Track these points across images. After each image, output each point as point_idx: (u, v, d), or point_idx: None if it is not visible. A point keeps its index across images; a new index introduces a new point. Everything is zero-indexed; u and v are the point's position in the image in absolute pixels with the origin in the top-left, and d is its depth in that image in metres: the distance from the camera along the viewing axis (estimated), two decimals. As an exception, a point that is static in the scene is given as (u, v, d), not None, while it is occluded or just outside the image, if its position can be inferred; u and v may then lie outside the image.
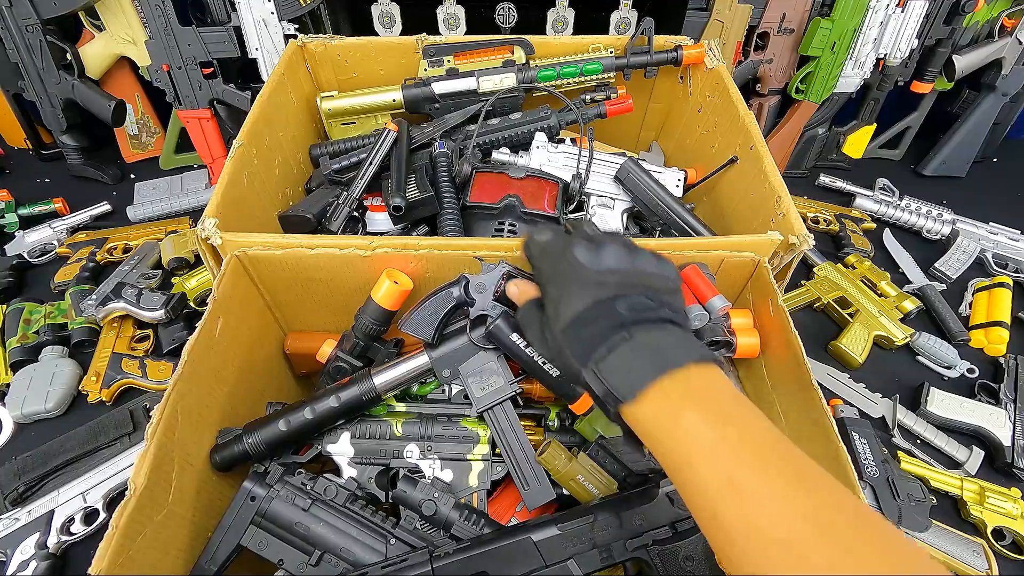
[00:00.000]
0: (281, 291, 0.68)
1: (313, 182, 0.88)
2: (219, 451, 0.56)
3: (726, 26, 1.08)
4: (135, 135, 1.26)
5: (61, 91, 1.10)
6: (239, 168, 0.69)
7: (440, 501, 0.54)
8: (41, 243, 1.08)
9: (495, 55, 0.91)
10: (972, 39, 1.18)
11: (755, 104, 1.22)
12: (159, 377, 0.86)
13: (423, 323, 0.58)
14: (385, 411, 0.61)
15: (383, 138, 0.79)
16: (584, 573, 0.50)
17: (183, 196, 1.18)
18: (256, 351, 0.68)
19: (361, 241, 0.61)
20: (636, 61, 0.91)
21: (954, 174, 1.32)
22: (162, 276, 0.98)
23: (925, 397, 0.86)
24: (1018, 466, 0.80)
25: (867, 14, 1.08)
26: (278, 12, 1.05)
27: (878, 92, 1.21)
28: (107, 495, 0.74)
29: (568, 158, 0.83)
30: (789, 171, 1.31)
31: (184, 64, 1.08)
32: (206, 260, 0.63)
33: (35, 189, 1.23)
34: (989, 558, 0.72)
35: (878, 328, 0.94)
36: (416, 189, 0.74)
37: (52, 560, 0.69)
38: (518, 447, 0.58)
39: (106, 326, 0.91)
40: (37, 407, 0.82)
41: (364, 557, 0.52)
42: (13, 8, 1.01)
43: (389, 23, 1.13)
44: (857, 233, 1.13)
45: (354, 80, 0.96)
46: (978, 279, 1.05)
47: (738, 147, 0.78)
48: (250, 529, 0.53)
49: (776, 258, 0.64)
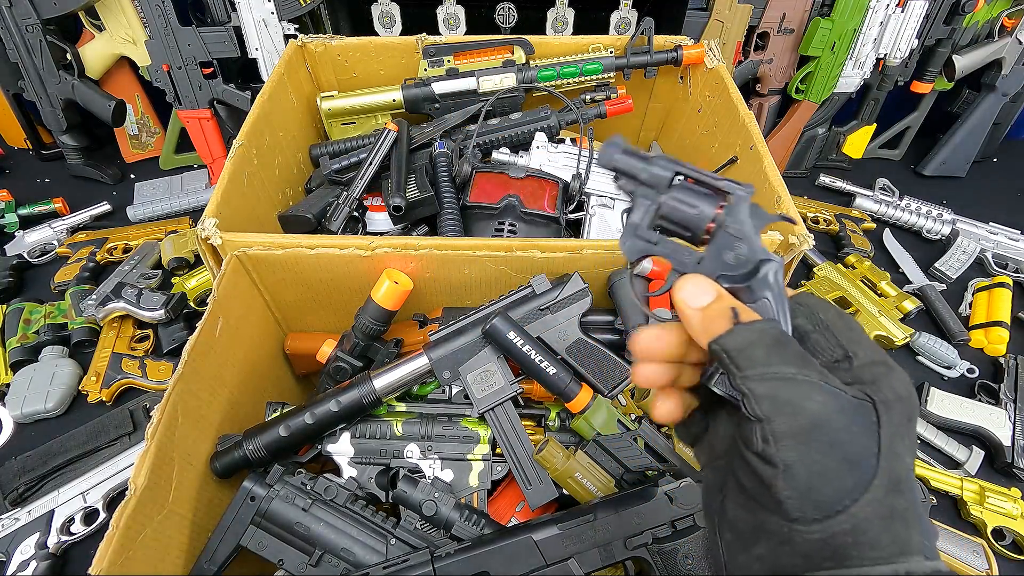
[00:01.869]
0: (281, 291, 0.68)
1: (313, 182, 0.88)
2: (219, 458, 0.56)
3: (726, 26, 1.08)
4: (135, 135, 1.26)
5: (61, 91, 1.10)
6: (239, 168, 0.69)
7: (440, 501, 0.54)
8: (41, 243, 1.08)
9: (495, 55, 0.91)
10: (972, 39, 1.18)
11: (755, 104, 1.22)
12: (159, 377, 0.85)
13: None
14: (385, 411, 0.61)
15: (383, 138, 0.79)
16: (584, 572, 0.50)
17: (183, 196, 1.18)
18: (256, 351, 0.67)
19: (361, 241, 0.61)
20: (636, 61, 0.91)
21: (954, 174, 1.32)
22: (162, 276, 0.98)
23: (925, 397, 0.86)
24: (1018, 466, 0.80)
25: (867, 14, 1.08)
26: (278, 12, 1.05)
27: (878, 92, 1.21)
28: (107, 495, 0.74)
29: (568, 158, 0.83)
30: (789, 171, 1.31)
31: (184, 64, 1.08)
32: (206, 260, 0.63)
33: (35, 189, 1.23)
34: (989, 558, 0.72)
35: (878, 328, 0.94)
36: (416, 189, 0.74)
37: (52, 560, 0.69)
38: (519, 447, 0.58)
39: (106, 326, 0.91)
40: (37, 407, 0.82)
41: (364, 557, 0.52)
42: (13, 8, 1.00)
43: (389, 23, 1.13)
44: (857, 233, 1.13)
45: (354, 80, 0.96)
46: (978, 279, 1.05)
47: (738, 147, 0.78)
48: (250, 529, 0.53)
49: (776, 258, 0.64)
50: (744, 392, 0.26)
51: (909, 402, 0.27)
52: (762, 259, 0.31)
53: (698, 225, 0.32)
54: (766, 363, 0.26)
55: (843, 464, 0.25)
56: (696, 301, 0.30)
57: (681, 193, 0.33)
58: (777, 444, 0.25)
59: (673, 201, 0.33)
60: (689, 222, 0.33)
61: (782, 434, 0.25)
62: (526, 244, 0.62)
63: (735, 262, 0.31)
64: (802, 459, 0.25)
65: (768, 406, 0.26)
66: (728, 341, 0.28)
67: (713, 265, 0.32)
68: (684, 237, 0.33)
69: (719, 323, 0.29)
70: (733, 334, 0.28)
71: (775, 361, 0.26)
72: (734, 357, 0.27)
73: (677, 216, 0.33)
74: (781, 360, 0.27)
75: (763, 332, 0.28)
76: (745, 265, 0.31)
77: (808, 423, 0.25)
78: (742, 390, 0.27)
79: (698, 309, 0.30)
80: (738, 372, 0.27)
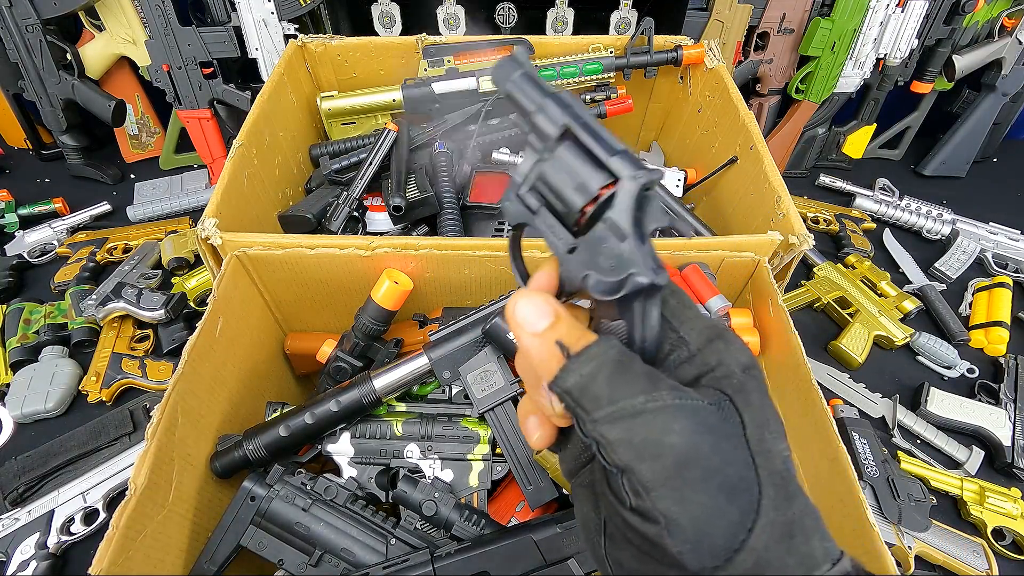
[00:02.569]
0: (281, 291, 0.68)
1: (313, 182, 0.88)
2: (219, 458, 0.56)
3: (726, 26, 1.08)
4: (135, 135, 1.26)
5: (61, 91, 1.10)
6: (239, 168, 0.69)
7: (440, 501, 0.54)
8: (41, 243, 1.08)
9: (495, 55, 0.91)
10: (972, 39, 1.18)
11: (755, 104, 1.22)
12: (159, 377, 0.85)
13: None
14: (385, 411, 0.61)
15: (383, 138, 0.79)
16: (584, 572, 0.50)
17: (183, 196, 1.18)
18: (256, 351, 0.67)
19: (361, 241, 0.61)
20: (636, 61, 0.91)
21: (954, 174, 1.32)
22: (162, 276, 0.98)
23: (925, 397, 0.86)
24: (1018, 466, 0.80)
25: (867, 14, 1.08)
26: (278, 12, 1.05)
27: (878, 92, 1.21)
28: (107, 495, 0.74)
29: (568, 158, 0.83)
30: (789, 171, 1.31)
31: (184, 64, 1.08)
32: (206, 260, 0.63)
33: (35, 189, 1.23)
34: (989, 558, 0.72)
35: (878, 328, 0.94)
36: (416, 189, 0.74)
37: (52, 560, 0.69)
38: (519, 447, 0.58)
39: (106, 326, 0.91)
40: (37, 407, 0.82)
41: (364, 557, 0.52)
42: (13, 8, 1.01)
43: (389, 23, 1.13)
44: (857, 233, 1.13)
45: (354, 80, 0.96)
46: (978, 279, 1.05)
47: (738, 147, 0.78)
48: (250, 529, 0.53)
49: (776, 258, 0.64)
50: (597, 439, 0.23)
51: (756, 372, 0.25)
52: (632, 272, 0.23)
53: (572, 204, 0.25)
54: (611, 398, 0.23)
55: (723, 494, 0.22)
56: (533, 325, 0.25)
57: (567, 155, 0.25)
58: (650, 496, 0.22)
59: (554, 163, 0.26)
60: (564, 197, 0.25)
61: (651, 483, 0.22)
62: (526, 244, 0.62)
63: (607, 265, 0.24)
64: (682, 506, 0.21)
65: (626, 452, 0.22)
66: (566, 380, 0.24)
67: (584, 260, 0.25)
68: (559, 213, 0.26)
69: (556, 360, 0.24)
70: (568, 371, 0.24)
71: (620, 393, 0.23)
72: (578, 399, 0.23)
73: (553, 184, 0.26)
74: (627, 389, 0.23)
75: (600, 360, 0.24)
76: (616, 272, 0.24)
77: (674, 462, 0.22)
78: (595, 438, 0.23)
79: (535, 336, 0.25)
80: (586, 417, 0.23)
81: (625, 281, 0.24)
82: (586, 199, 0.25)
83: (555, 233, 0.26)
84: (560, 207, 0.26)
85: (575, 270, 0.25)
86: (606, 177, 0.24)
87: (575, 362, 0.24)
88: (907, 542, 0.71)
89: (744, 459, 0.23)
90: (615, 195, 0.24)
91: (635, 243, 0.24)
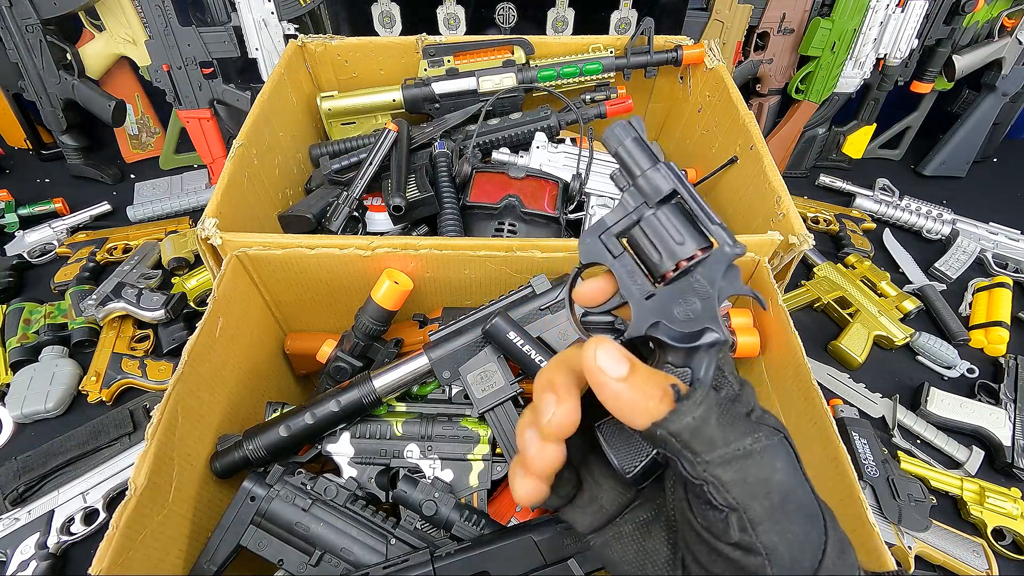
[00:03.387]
0: (281, 291, 0.68)
1: (313, 182, 0.88)
2: (219, 458, 0.56)
3: (726, 26, 1.08)
4: (135, 135, 1.26)
5: (61, 91, 1.10)
6: (239, 168, 0.69)
7: (440, 501, 0.54)
8: (41, 243, 1.08)
9: (495, 55, 0.91)
10: (972, 39, 1.18)
11: (755, 104, 1.22)
12: (159, 377, 0.85)
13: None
14: (385, 411, 0.61)
15: (383, 138, 0.79)
16: (585, 572, 0.50)
17: (183, 196, 1.18)
18: (256, 351, 0.67)
19: (361, 241, 0.61)
20: (636, 61, 0.91)
21: (954, 174, 1.32)
22: (162, 276, 0.98)
23: (925, 397, 0.86)
24: (1018, 466, 0.80)
25: (867, 14, 1.08)
26: (278, 12, 1.05)
27: (878, 92, 1.21)
28: (107, 495, 0.74)
29: (568, 158, 0.83)
30: (789, 171, 1.31)
31: (184, 64, 1.08)
32: (206, 260, 0.63)
33: (35, 189, 1.23)
34: (989, 558, 0.72)
35: (878, 328, 0.94)
36: (416, 189, 0.74)
37: (52, 560, 0.69)
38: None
39: (106, 326, 0.91)
40: (37, 407, 0.82)
41: (364, 557, 0.52)
42: (13, 8, 1.01)
43: (389, 23, 1.13)
44: (857, 233, 1.13)
45: (354, 80, 0.96)
46: (978, 279, 1.05)
47: (738, 147, 0.78)
48: (250, 529, 0.53)
49: (776, 258, 0.64)
50: (710, 481, 0.24)
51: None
52: (708, 327, 0.27)
53: (670, 259, 0.28)
54: (724, 441, 0.24)
55: (807, 522, 0.24)
56: (618, 371, 0.25)
57: (672, 215, 0.29)
58: (756, 530, 0.23)
59: (660, 220, 0.29)
60: (664, 251, 0.29)
61: (760, 518, 0.23)
62: (526, 244, 0.62)
63: (682, 316, 0.28)
64: (781, 537, 0.23)
65: (740, 492, 0.23)
66: (675, 424, 0.24)
67: (656, 308, 0.28)
68: (646, 262, 0.30)
69: (658, 403, 0.25)
70: (679, 414, 0.24)
71: (731, 436, 0.24)
72: (688, 442, 0.24)
73: (655, 237, 0.29)
74: (735, 432, 0.24)
75: (708, 403, 0.24)
76: (690, 324, 0.27)
77: (780, 498, 0.23)
78: (706, 480, 0.24)
79: (623, 381, 0.25)
80: (695, 459, 0.24)
81: (699, 333, 0.27)
82: (683, 256, 0.28)
83: (634, 279, 0.30)
84: (653, 257, 0.29)
85: (645, 315, 0.28)
86: (703, 241, 0.28)
87: (686, 405, 0.24)
88: (907, 542, 0.71)
89: (808, 487, 0.25)
90: (708, 258, 0.28)
91: (714, 303, 0.27)
